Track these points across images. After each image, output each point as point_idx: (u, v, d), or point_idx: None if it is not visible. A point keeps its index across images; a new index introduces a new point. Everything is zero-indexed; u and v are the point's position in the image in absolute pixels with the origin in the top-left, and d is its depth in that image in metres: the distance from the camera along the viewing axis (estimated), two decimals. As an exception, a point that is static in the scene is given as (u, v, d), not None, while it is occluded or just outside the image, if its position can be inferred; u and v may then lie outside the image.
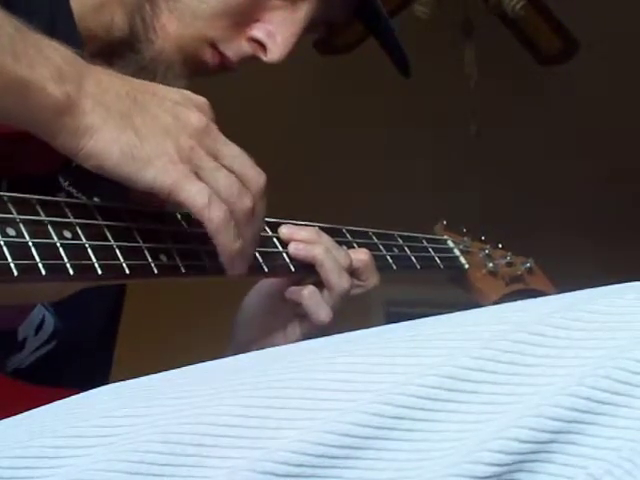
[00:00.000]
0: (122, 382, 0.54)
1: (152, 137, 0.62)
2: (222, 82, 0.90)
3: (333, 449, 0.44)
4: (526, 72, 3.16)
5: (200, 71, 0.87)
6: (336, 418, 0.45)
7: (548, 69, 3.03)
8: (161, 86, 0.67)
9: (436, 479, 0.43)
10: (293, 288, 0.81)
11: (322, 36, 0.94)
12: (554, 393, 0.44)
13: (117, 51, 0.84)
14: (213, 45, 0.85)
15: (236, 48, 0.85)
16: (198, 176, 0.63)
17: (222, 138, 0.66)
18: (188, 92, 0.68)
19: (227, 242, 0.65)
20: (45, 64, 0.60)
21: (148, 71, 0.84)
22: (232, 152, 0.67)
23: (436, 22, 2.75)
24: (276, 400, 0.47)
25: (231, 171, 0.66)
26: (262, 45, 0.85)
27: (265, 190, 0.68)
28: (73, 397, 0.53)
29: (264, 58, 0.86)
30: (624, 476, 0.42)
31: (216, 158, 0.65)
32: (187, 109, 0.65)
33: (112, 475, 0.46)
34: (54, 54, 0.61)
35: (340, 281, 0.80)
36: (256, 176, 0.68)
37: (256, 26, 0.85)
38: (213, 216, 0.64)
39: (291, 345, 0.58)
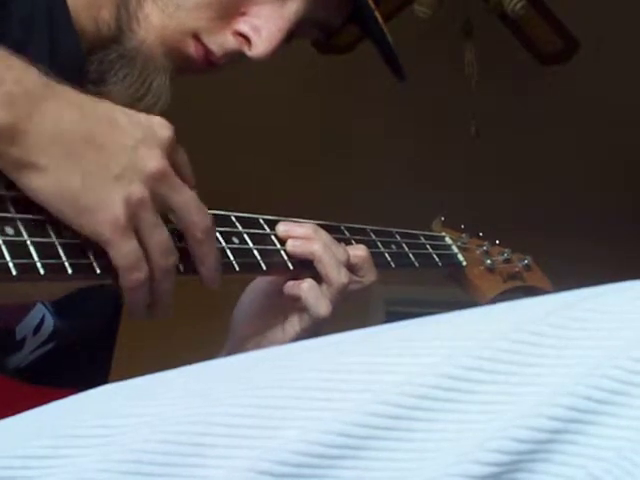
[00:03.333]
0: (122, 382, 0.54)
1: (100, 185, 0.60)
2: (222, 82, 0.90)
3: (332, 449, 0.44)
4: (526, 72, 3.16)
5: (184, 66, 0.85)
6: (335, 418, 0.45)
7: (548, 69, 3.03)
8: (125, 116, 0.64)
9: (435, 479, 0.43)
10: (292, 282, 0.81)
11: (319, 39, 0.92)
12: (553, 392, 0.44)
13: (104, 46, 0.83)
14: (197, 37, 0.84)
15: (220, 41, 0.84)
16: (135, 228, 0.62)
17: (175, 182, 0.65)
18: (152, 120, 0.65)
19: (135, 301, 0.65)
20: None
21: (127, 60, 0.82)
22: (181, 198, 0.65)
23: (436, 22, 2.75)
24: (275, 400, 0.47)
25: (180, 215, 0.65)
26: (247, 39, 0.84)
27: (210, 230, 0.68)
28: (72, 397, 0.53)
29: (248, 53, 0.84)
30: (624, 476, 0.42)
31: (163, 204, 0.64)
32: (147, 149, 0.63)
33: (111, 475, 0.46)
34: (8, 74, 0.59)
35: (339, 276, 0.80)
36: (200, 220, 0.67)
37: (242, 20, 0.84)
38: (133, 278, 0.63)
39: (290, 345, 0.58)
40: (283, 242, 0.80)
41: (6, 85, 0.58)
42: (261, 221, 0.80)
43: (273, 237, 0.80)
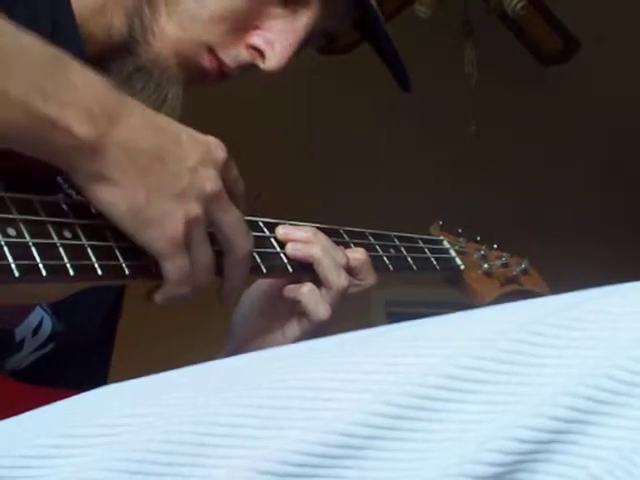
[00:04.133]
0: (122, 382, 0.54)
1: (162, 201, 0.63)
2: (222, 82, 0.90)
3: (334, 449, 0.45)
4: (526, 72, 3.16)
5: (197, 77, 0.86)
6: (337, 418, 0.45)
7: (548, 69, 3.03)
8: (187, 135, 0.66)
9: (437, 479, 0.44)
10: (291, 286, 0.81)
11: (322, 46, 0.93)
12: (554, 393, 0.44)
13: (115, 54, 0.84)
14: (211, 50, 0.85)
15: (234, 54, 0.85)
16: (187, 244, 0.65)
17: (226, 204, 0.67)
18: (209, 140, 0.67)
19: (169, 301, 0.67)
20: (76, 103, 0.59)
21: (143, 73, 0.83)
22: (230, 219, 0.68)
23: (437, 22, 2.75)
24: (277, 400, 0.47)
25: (226, 236, 0.68)
26: (261, 53, 0.85)
27: (249, 254, 0.71)
28: (73, 397, 0.54)
29: (262, 66, 0.85)
30: (625, 476, 0.42)
31: (215, 224, 0.67)
32: (205, 170, 0.65)
33: (113, 475, 0.46)
34: (88, 91, 0.60)
35: (338, 279, 0.80)
36: (243, 244, 0.70)
37: (255, 33, 0.85)
38: (178, 292, 0.66)
39: (292, 345, 0.58)
40: (283, 245, 0.80)
41: (88, 100, 0.60)
42: (261, 224, 0.80)
43: (273, 240, 0.80)
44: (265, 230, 0.80)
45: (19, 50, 0.58)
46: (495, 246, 1.13)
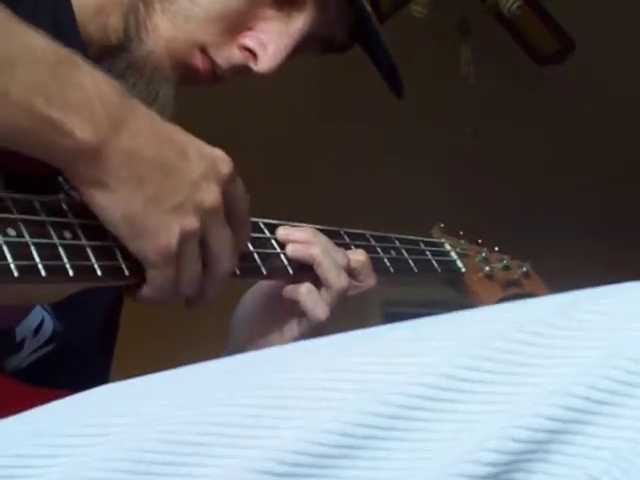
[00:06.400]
0: (121, 382, 0.54)
1: (159, 212, 0.62)
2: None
3: (331, 449, 0.45)
4: (523, 72, 3.16)
5: (189, 77, 0.86)
6: (334, 418, 0.45)
7: (545, 69, 3.03)
8: (193, 146, 0.65)
9: (433, 478, 0.44)
10: (290, 286, 0.81)
11: (317, 54, 0.93)
12: (552, 393, 0.44)
13: (112, 54, 0.84)
14: (203, 50, 0.84)
15: (227, 55, 0.85)
16: (177, 255, 0.64)
17: (222, 221, 0.66)
18: (215, 153, 0.66)
19: (150, 303, 0.67)
20: (80, 107, 0.58)
21: (135, 70, 0.83)
22: (221, 237, 0.67)
23: (433, 22, 2.75)
24: (274, 399, 0.47)
25: (211, 253, 0.67)
26: (253, 54, 0.85)
27: (229, 275, 0.70)
28: (72, 397, 0.54)
29: (254, 67, 0.85)
30: (621, 476, 0.42)
31: (205, 238, 0.66)
32: (208, 184, 0.64)
33: (111, 474, 0.46)
34: (94, 95, 0.60)
35: (338, 280, 0.80)
36: (225, 266, 0.68)
37: (249, 35, 0.85)
38: (158, 297, 0.65)
39: (289, 345, 0.58)
40: (283, 246, 0.80)
41: (89, 101, 0.59)
42: (261, 225, 0.80)
43: (273, 241, 0.80)
44: (265, 231, 0.80)
45: (27, 50, 0.57)
46: (496, 249, 1.13)
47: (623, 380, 0.44)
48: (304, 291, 0.80)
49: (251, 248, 0.77)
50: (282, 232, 0.81)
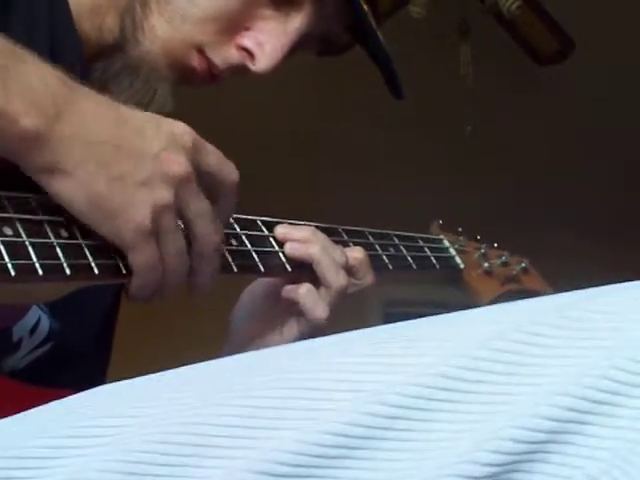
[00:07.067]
0: (120, 382, 0.54)
1: (125, 190, 0.61)
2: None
3: (330, 449, 0.44)
4: (523, 72, 3.16)
5: (186, 77, 0.86)
6: (332, 418, 0.45)
7: (545, 69, 3.04)
8: (149, 122, 0.64)
9: (432, 479, 0.44)
10: (289, 287, 0.81)
11: (315, 53, 0.93)
12: (551, 393, 0.44)
13: (108, 53, 0.84)
14: (200, 50, 0.84)
15: (224, 55, 0.84)
16: (156, 232, 0.63)
17: (195, 190, 0.65)
18: (174, 125, 0.65)
19: (141, 295, 0.66)
20: (23, 95, 0.58)
21: (131, 69, 0.83)
22: (200, 208, 0.66)
23: (432, 22, 2.75)
24: (273, 400, 0.47)
25: (192, 225, 0.66)
26: (251, 54, 0.84)
27: (219, 246, 0.69)
28: (71, 397, 0.53)
29: (251, 67, 0.85)
30: (621, 476, 0.42)
31: (182, 211, 0.65)
32: (173, 154, 0.63)
33: (109, 475, 0.46)
34: (39, 84, 0.59)
35: (337, 278, 0.80)
36: (212, 235, 0.67)
37: (246, 34, 0.85)
38: (147, 278, 0.64)
39: (288, 345, 0.58)
40: (281, 244, 0.80)
41: (33, 90, 0.59)
42: (259, 223, 0.80)
43: (271, 239, 0.80)
44: (264, 229, 0.80)
45: None
46: (495, 245, 1.13)
47: (623, 380, 0.44)
48: (303, 291, 0.80)
49: (249, 246, 0.77)
50: (280, 230, 0.81)
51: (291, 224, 0.82)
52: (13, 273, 0.56)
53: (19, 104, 0.58)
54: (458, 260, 1.05)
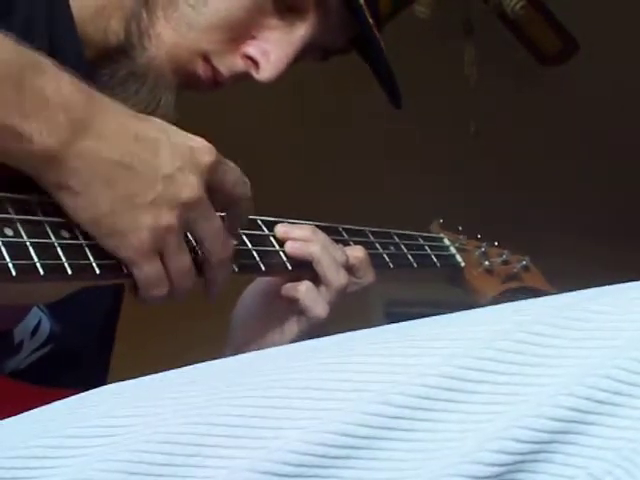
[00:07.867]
0: (122, 382, 0.54)
1: (128, 211, 0.62)
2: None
3: (333, 449, 0.44)
4: (526, 72, 3.16)
5: (191, 84, 0.86)
6: (336, 418, 0.45)
7: (548, 69, 3.03)
8: (168, 140, 0.65)
9: (436, 479, 0.43)
10: (289, 285, 0.81)
11: (318, 61, 0.94)
12: (554, 393, 0.44)
13: (112, 57, 0.84)
14: (206, 58, 0.84)
15: (229, 63, 0.85)
16: (160, 251, 0.64)
17: (205, 212, 0.67)
18: (194, 144, 0.66)
19: (150, 301, 0.67)
20: (40, 113, 0.59)
21: (138, 76, 0.83)
22: (208, 228, 0.67)
23: (436, 22, 2.75)
24: (276, 400, 0.47)
25: (201, 242, 0.68)
26: (255, 63, 0.85)
27: (228, 259, 0.70)
28: (73, 397, 0.54)
29: (256, 76, 0.85)
30: (624, 476, 0.42)
31: (191, 231, 0.67)
32: (185, 177, 0.64)
33: (112, 475, 0.46)
34: (57, 100, 0.60)
35: (337, 277, 0.81)
36: (220, 252, 0.69)
37: (251, 43, 0.85)
38: (152, 294, 0.66)
39: (291, 345, 0.58)
40: (282, 243, 0.80)
41: (49, 107, 0.59)
42: (259, 222, 0.80)
43: (272, 238, 0.80)
44: (264, 228, 0.80)
45: None
46: (496, 243, 1.14)
47: (625, 380, 0.44)
48: (303, 289, 0.80)
49: (249, 245, 0.77)
50: (281, 229, 0.81)
51: (291, 223, 0.82)
52: (14, 273, 0.57)
53: (34, 122, 0.58)
54: (459, 258, 1.05)
